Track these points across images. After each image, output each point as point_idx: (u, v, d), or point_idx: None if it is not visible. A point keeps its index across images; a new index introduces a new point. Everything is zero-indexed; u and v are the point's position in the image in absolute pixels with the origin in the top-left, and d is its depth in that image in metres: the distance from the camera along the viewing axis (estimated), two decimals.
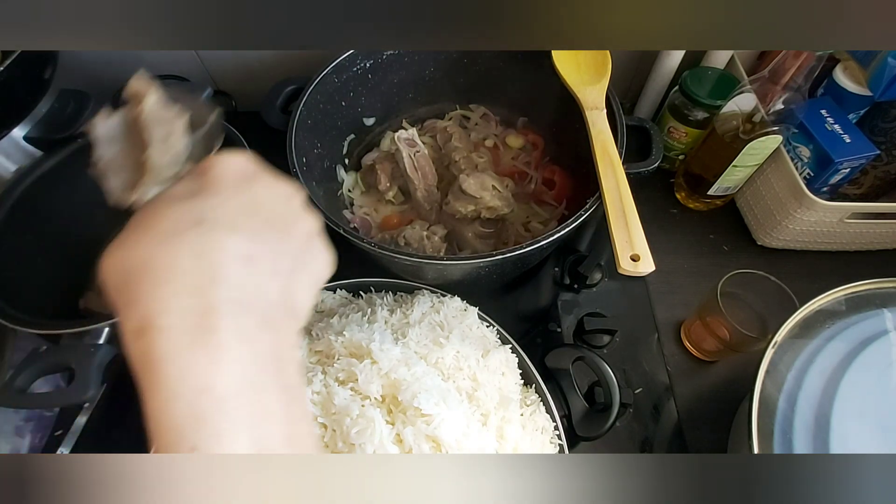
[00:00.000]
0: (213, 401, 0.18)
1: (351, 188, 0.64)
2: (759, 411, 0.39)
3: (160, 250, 0.20)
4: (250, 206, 0.22)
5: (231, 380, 0.19)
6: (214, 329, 0.19)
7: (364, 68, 0.59)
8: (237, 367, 0.19)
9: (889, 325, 0.41)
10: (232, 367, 0.19)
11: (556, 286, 0.60)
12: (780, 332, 0.42)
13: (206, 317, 0.19)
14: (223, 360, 0.19)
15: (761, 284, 0.49)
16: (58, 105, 0.50)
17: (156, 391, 0.18)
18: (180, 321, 0.19)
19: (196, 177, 0.23)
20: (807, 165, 0.57)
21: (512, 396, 0.41)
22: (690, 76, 0.61)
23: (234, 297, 0.20)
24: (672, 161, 0.68)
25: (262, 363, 0.20)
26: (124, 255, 0.20)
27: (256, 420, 0.19)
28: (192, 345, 0.18)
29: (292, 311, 0.23)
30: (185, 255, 0.20)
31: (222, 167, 0.23)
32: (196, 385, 0.18)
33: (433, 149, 0.63)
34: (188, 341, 0.18)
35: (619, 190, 0.44)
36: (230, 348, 0.19)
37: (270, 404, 0.20)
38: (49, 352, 0.39)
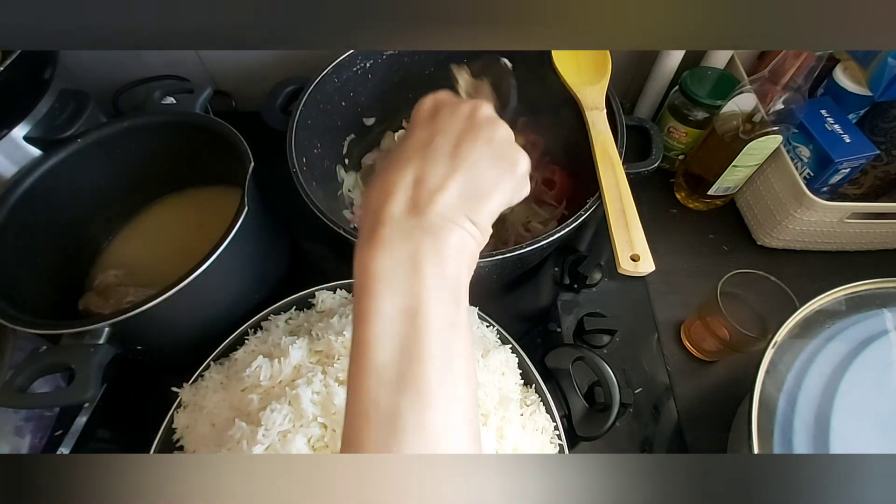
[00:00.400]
0: (369, 277, 0.24)
1: (351, 188, 0.64)
2: (759, 411, 0.39)
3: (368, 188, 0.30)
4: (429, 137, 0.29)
5: (383, 264, 0.24)
6: (377, 233, 0.25)
7: (364, 68, 0.59)
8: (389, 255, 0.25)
9: (889, 325, 0.41)
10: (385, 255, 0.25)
11: (556, 286, 0.60)
12: (780, 332, 0.42)
13: (375, 225, 0.26)
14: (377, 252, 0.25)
15: (761, 284, 0.49)
16: (58, 105, 0.50)
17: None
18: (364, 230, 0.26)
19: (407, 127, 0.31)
20: (807, 165, 0.57)
21: (512, 396, 0.41)
22: (690, 76, 0.61)
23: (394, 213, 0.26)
24: (672, 161, 0.68)
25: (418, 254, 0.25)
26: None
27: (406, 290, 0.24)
28: (364, 242, 0.26)
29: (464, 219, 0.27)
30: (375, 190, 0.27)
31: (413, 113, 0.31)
32: (359, 267, 0.25)
33: None
34: (364, 240, 0.26)
35: (619, 190, 0.44)
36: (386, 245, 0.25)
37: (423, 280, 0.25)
38: (49, 352, 0.39)
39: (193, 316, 0.46)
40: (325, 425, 0.35)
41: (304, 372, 0.38)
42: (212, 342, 0.44)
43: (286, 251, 0.58)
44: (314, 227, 0.46)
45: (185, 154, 0.55)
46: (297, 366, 0.39)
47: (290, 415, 0.35)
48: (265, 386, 0.38)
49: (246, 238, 0.44)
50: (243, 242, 0.44)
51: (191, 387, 0.41)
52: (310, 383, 0.36)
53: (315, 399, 0.36)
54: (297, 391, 0.36)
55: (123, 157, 0.54)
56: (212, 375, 0.42)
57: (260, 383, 0.38)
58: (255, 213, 0.46)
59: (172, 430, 0.40)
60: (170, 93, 0.55)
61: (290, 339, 0.41)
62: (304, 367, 0.39)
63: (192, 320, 0.46)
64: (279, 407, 0.35)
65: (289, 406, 0.36)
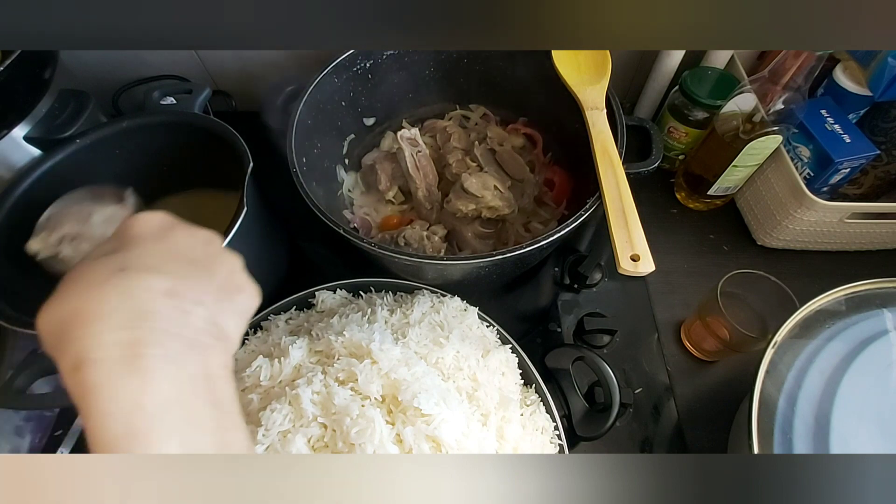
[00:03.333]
0: (145, 417, 0.20)
1: (351, 188, 0.64)
2: (759, 411, 0.39)
3: (89, 297, 0.21)
4: (170, 251, 0.24)
5: (160, 398, 0.20)
6: (142, 355, 0.20)
7: (364, 68, 0.59)
8: (166, 387, 0.20)
9: (889, 325, 0.41)
10: (161, 386, 0.20)
11: (556, 286, 0.60)
12: (780, 332, 0.42)
13: (134, 346, 0.20)
14: (152, 382, 0.20)
15: (761, 284, 0.49)
16: (58, 105, 0.50)
17: (92, 415, 0.19)
18: (110, 352, 0.20)
19: (116, 236, 0.25)
20: (807, 165, 0.57)
21: (512, 396, 0.41)
22: (690, 76, 0.61)
23: (160, 326, 0.21)
24: (672, 161, 0.68)
25: (191, 382, 0.21)
26: (56, 309, 0.21)
27: (188, 430, 0.20)
28: (122, 371, 0.20)
29: (221, 336, 0.24)
30: (112, 297, 0.21)
31: (140, 223, 0.25)
32: (128, 405, 0.20)
33: (433, 149, 0.63)
34: (119, 369, 0.20)
35: (619, 190, 0.44)
36: (158, 371, 0.20)
37: (201, 417, 0.21)
38: None
39: None
40: (325, 425, 0.35)
41: (304, 372, 0.38)
42: None
43: (286, 251, 0.58)
44: (314, 227, 0.46)
45: (184, 154, 0.55)
46: (297, 366, 0.39)
47: (290, 415, 0.35)
48: (265, 386, 0.38)
49: (246, 238, 0.44)
50: (243, 242, 0.44)
51: None
52: (310, 383, 0.36)
53: (315, 399, 0.36)
54: (297, 391, 0.36)
55: (123, 157, 0.54)
56: None
57: (260, 383, 0.38)
58: (255, 214, 0.45)
59: None
60: (169, 93, 0.55)
61: (290, 338, 0.41)
62: (304, 367, 0.39)
63: None
64: (279, 407, 0.35)
65: (289, 406, 0.36)
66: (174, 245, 0.25)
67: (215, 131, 0.50)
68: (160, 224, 0.26)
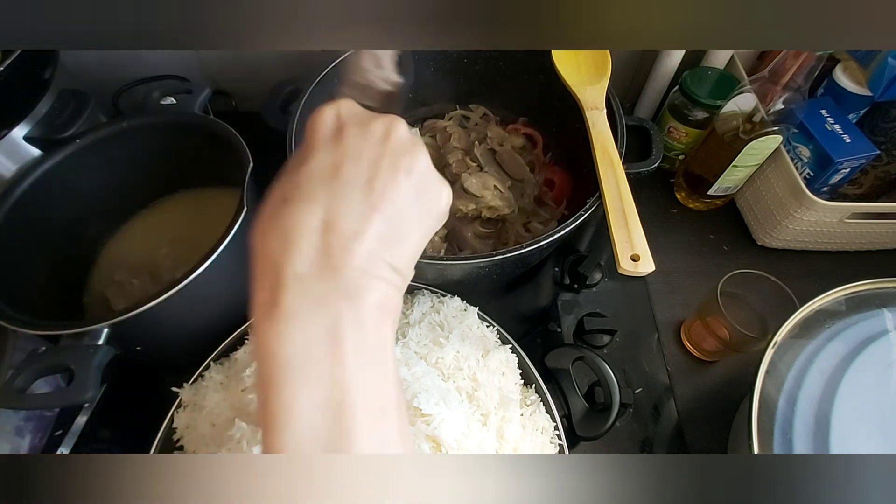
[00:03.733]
0: (276, 365, 0.20)
1: None
2: (759, 411, 0.39)
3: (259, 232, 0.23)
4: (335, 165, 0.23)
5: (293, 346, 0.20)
6: (280, 301, 0.20)
7: None
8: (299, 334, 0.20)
9: (889, 325, 0.41)
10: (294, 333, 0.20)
11: (556, 286, 0.60)
12: (780, 332, 0.42)
13: (275, 289, 0.21)
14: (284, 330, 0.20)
15: (761, 284, 0.49)
16: (58, 105, 0.50)
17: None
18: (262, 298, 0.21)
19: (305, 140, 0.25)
20: (807, 165, 0.57)
21: (512, 396, 0.41)
22: (690, 76, 0.61)
23: (300, 271, 0.21)
24: (672, 161, 0.68)
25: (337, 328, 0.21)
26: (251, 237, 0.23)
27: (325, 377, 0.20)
28: (263, 317, 0.21)
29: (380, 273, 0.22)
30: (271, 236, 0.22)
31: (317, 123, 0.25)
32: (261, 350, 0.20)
33: (433, 149, 0.63)
34: (262, 313, 0.21)
35: (619, 190, 0.44)
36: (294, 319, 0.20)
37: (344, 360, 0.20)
38: (48, 352, 0.39)
39: (193, 316, 0.46)
40: None
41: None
42: (212, 342, 0.44)
43: None
44: None
45: (184, 154, 0.55)
46: None
47: None
48: None
49: (246, 238, 0.44)
50: (243, 242, 0.44)
51: (191, 387, 0.41)
52: None
53: None
54: None
55: (123, 157, 0.54)
56: (212, 375, 0.42)
57: None
58: (255, 213, 0.45)
59: (172, 430, 0.40)
60: (169, 93, 0.55)
61: None
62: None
63: (191, 320, 0.46)
64: None
65: None
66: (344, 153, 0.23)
67: (215, 131, 0.50)
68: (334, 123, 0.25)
